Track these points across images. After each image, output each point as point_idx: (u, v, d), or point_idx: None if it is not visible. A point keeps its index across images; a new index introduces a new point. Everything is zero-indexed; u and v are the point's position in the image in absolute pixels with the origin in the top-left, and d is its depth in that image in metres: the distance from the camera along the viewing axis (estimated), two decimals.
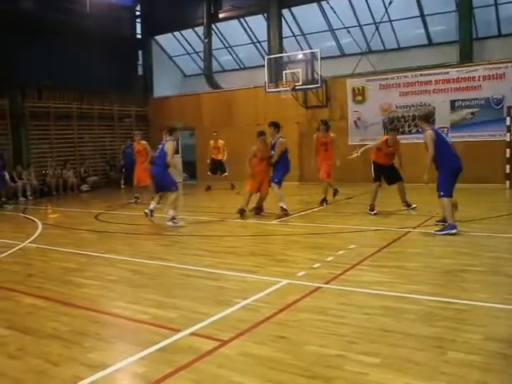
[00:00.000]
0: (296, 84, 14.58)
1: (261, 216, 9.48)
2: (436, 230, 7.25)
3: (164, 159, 8.82)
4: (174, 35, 20.71)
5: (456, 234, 7.00)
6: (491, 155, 12.72)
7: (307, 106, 15.73)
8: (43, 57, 15.50)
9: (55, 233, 8.99)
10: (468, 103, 13.43)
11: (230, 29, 19.36)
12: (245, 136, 13.94)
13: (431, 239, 7.02)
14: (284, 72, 15.02)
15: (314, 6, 17.18)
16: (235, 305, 4.47)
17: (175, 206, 8.98)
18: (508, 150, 12.41)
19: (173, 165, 9.15)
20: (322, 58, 14.54)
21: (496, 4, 15.17)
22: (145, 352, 3.52)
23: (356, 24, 17.12)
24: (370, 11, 16.48)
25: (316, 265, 5.78)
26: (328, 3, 16.66)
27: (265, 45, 18.46)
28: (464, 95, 13.46)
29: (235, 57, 20.77)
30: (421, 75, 14.09)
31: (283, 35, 17.58)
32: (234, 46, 20.39)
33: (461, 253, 6.13)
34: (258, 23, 18.28)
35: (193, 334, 3.84)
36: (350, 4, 16.74)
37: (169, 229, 8.69)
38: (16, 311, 4.64)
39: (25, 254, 7.23)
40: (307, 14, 17.69)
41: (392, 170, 9.21)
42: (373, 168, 9.24)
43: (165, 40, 21.19)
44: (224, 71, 20.80)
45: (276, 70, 15.58)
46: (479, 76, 13.23)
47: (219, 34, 19.79)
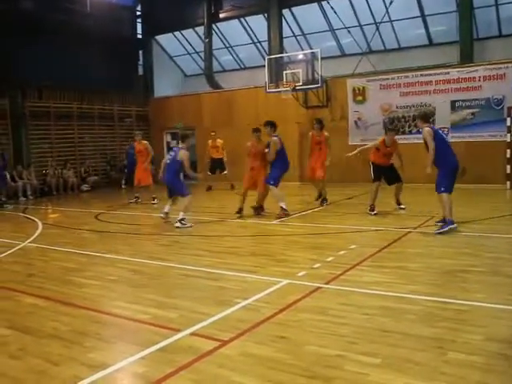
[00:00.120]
0: (296, 84, 14.56)
1: (261, 216, 9.49)
2: (436, 230, 7.26)
3: (175, 166, 8.85)
4: (175, 35, 20.69)
5: (456, 235, 7.00)
6: (491, 156, 12.71)
7: (307, 106, 15.71)
8: (43, 57, 15.50)
9: (55, 232, 8.99)
10: (468, 103, 13.42)
11: (231, 29, 19.35)
12: (245, 136, 13.86)
13: (432, 239, 7.02)
14: (284, 72, 14.99)
15: (315, 6, 17.16)
16: (235, 305, 4.47)
17: (187, 209, 8.95)
18: (508, 151, 12.40)
19: (190, 173, 9.19)
20: (323, 58, 14.52)
21: (497, 4, 15.15)
22: (145, 352, 3.52)
23: (356, 24, 17.09)
24: (371, 11, 16.47)
25: (316, 265, 5.78)
26: (328, 3, 16.64)
27: (265, 45, 18.46)
28: (464, 95, 13.45)
29: (236, 57, 20.75)
30: (421, 75, 14.08)
31: (283, 35, 17.57)
32: (235, 46, 20.37)
33: (461, 253, 6.13)
34: (259, 23, 18.28)
35: (193, 334, 3.84)
36: (351, 4, 16.73)
37: (169, 229, 8.69)
38: (16, 311, 4.64)
39: (25, 254, 7.24)
40: (308, 14, 17.68)
41: (391, 171, 9.21)
42: (372, 168, 9.24)
43: (165, 40, 21.17)
44: (224, 71, 20.79)
45: (276, 70, 15.56)
46: (480, 76, 13.22)
47: (220, 34, 19.78)
